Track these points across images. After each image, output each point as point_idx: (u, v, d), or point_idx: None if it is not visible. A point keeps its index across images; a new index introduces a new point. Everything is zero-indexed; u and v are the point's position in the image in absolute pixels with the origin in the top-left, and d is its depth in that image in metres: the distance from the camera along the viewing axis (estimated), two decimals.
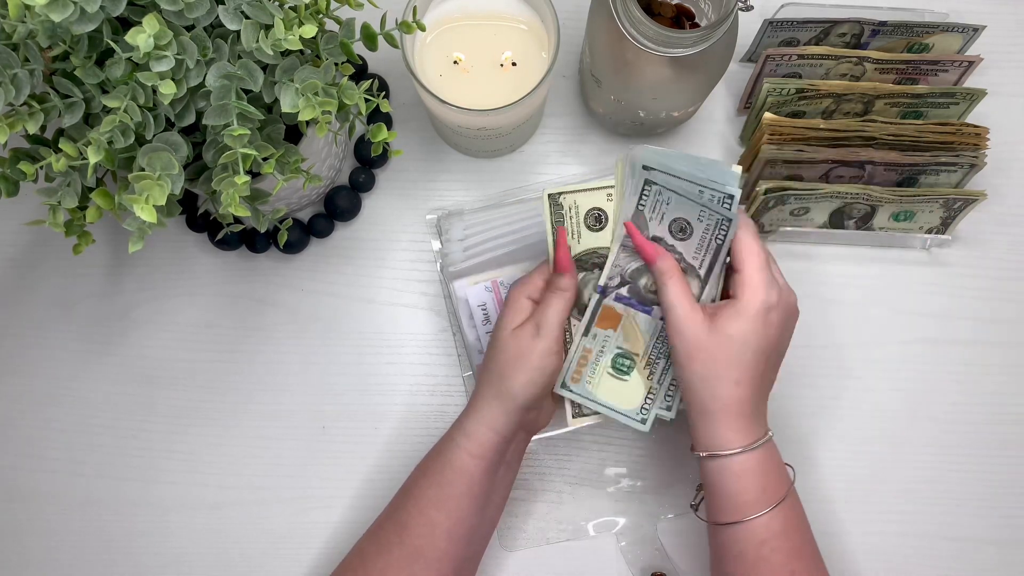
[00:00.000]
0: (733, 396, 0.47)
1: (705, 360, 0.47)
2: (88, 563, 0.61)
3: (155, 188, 0.41)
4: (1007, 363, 0.63)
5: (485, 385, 0.51)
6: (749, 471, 0.47)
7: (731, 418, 0.47)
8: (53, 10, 0.36)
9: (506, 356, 0.50)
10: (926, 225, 0.62)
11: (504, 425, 0.50)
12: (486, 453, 0.50)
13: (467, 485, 0.50)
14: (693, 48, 0.50)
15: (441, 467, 0.51)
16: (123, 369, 0.63)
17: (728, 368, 0.47)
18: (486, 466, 0.51)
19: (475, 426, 0.51)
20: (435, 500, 0.50)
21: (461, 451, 0.50)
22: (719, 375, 0.47)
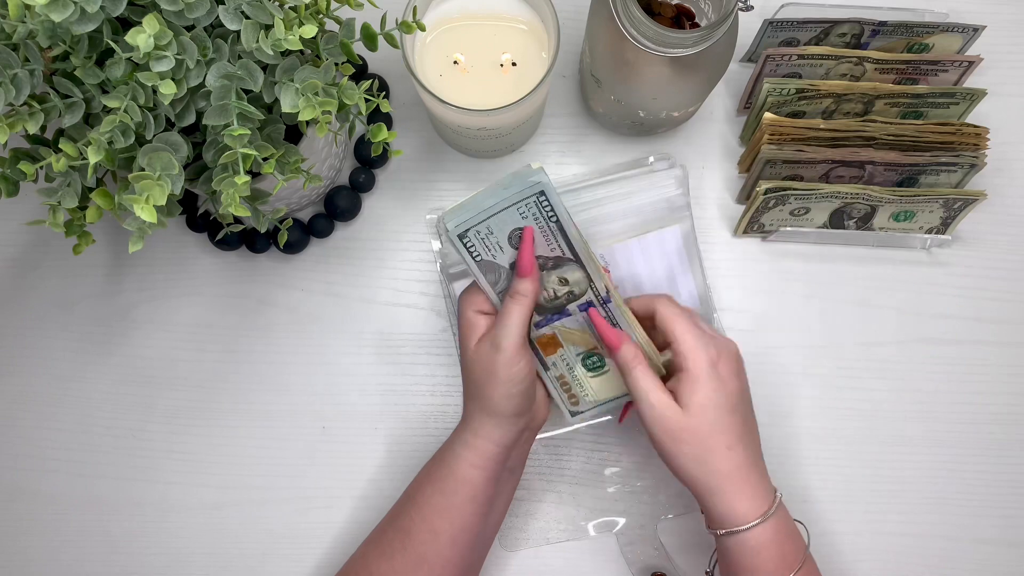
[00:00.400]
0: (731, 463, 0.47)
1: (690, 440, 0.47)
2: (88, 563, 0.61)
3: (155, 188, 0.41)
4: (1006, 363, 0.63)
5: (470, 400, 0.51)
6: (767, 543, 0.47)
7: (736, 487, 0.47)
8: (53, 10, 0.36)
9: (475, 374, 0.50)
10: (926, 225, 0.62)
11: (501, 436, 0.50)
12: (487, 463, 0.50)
13: (470, 494, 0.50)
14: (693, 48, 0.50)
15: (444, 475, 0.51)
16: (123, 369, 0.63)
17: (714, 437, 0.47)
18: (488, 476, 0.51)
19: (473, 438, 0.51)
20: (439, 508, 0.50)
21: (462, 461, 0.51)
22: (710, 448, 0.47)
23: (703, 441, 0.47)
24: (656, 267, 0.59)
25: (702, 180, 0.64)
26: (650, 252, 0.59)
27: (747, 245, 0.64)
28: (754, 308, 0.63)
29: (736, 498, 0.47)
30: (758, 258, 0.64)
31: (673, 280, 0.59)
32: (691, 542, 0.60)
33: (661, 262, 0.59)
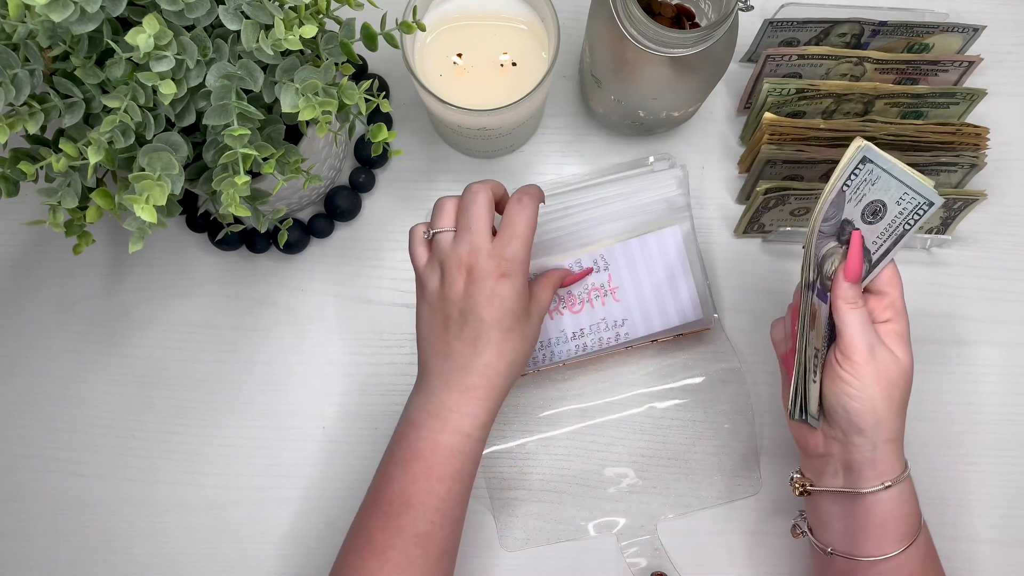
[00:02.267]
0: (902, 421, 0.48)
1: (903, 386, 0.47)
2: (88, 563, 0.61)
3: (155, 188, 0.41)
4: (1007, 363, 0.63)
5: (468, 368, 0.48)
6: (908, 494, 0.48)
7: (899, 441, 0.48)
8: (53, 10, 0.36)
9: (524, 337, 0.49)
10: (926, 225, 0.62)
11: (499, 401, 0.49)
12: (484, 431, 0.49)
13: (470, 469, 0.49)
14: (693, 48, 0.50)
15: (431, 455, 0.48)
16: (123, 369, 0.63)
17: (905, 392, 0.47)
18: (481, 448, 0.50)
19: (472, 401, 0.48)
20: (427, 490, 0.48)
21: (457, 436, 0.48)
22: (904, 401, 0.47)
23: (905, 391, 0.47)
24: (656, 267, 0.59)
25: (702, 180, 0.64)
26: (650, 252, 0.59)
27: (747, 245, 0.64)
28: (754, 308, 0.63)
29: (900, 450, 0.48)
30: (758, 258, 0.64)
31: (673, 280, 0.59)
32: (691, 542, 0.60)
33: (661, 262, 0.59)
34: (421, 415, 0.49)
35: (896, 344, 0.47)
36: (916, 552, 0.47)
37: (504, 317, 0.47)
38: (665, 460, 0.61)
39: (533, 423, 0.61)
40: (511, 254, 0.48)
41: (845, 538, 0.48)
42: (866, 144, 0.46)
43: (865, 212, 0.47)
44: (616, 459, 0.61)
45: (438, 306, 0.49)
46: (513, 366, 0.49)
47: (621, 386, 0.62)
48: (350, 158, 0.65)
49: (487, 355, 0.48)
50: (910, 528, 0.48)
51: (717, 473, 0.60)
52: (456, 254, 0.48)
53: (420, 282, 0.51)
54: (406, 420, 0.50)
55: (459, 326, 0.48)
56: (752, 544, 0.60)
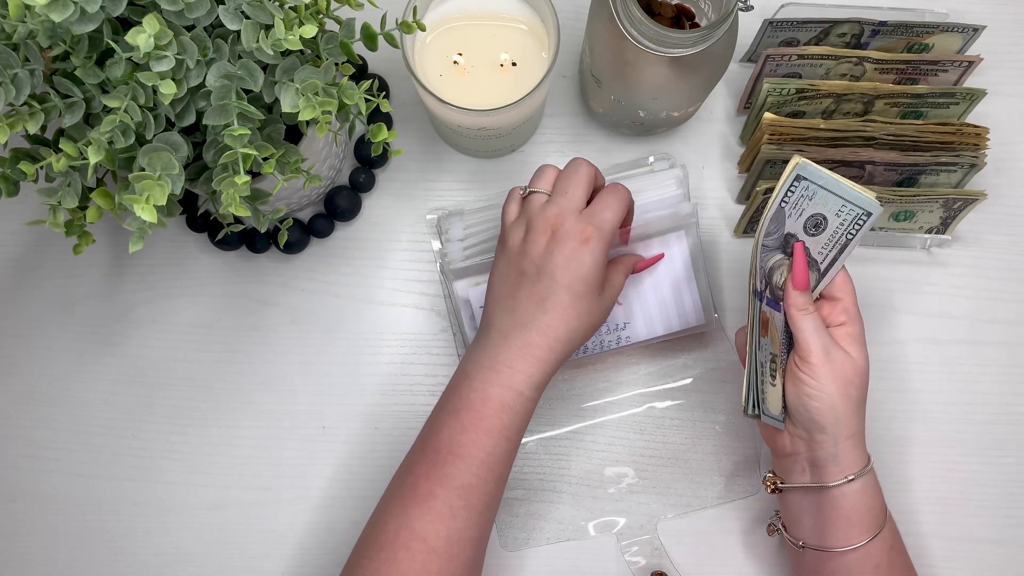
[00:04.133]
0: (860, 419, 0.49)
1: (860, 385, 0.49)
2: (88, 563, 0.61)
3: (155, 188, 0.41)
4: (1007, 363, 0.63)
5: (538, 325, 0.48)
6: (871, 487, 0.49)
7: (860, 437, 0.50)
8: (53, 10, 0.36)
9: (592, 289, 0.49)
10: (926, 225, 0.62)
11: (555, 366, 0.49)
12: (537, 392, 0.49)
13: (518, 427, 0.49)
14: (693, 48, 0.50)
15: (482, 406, 0.48)
16: (123, 369, 0.63)
17: (862, 390, 0.49)
18: (532, 408, 0.50)
19: (528, 360, 0.48)
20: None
21: (510, 391, 0.48)
22: (862, 399, 0.49)
23: (860, 390, 0.49)
24: (661, 274, 0.58)
25: (702, 180, 0.64)
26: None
27: (747, 245, 0.64)
28: None
29: (860, 446, 0.49)
30: None
31: (678, 287, 0.59)
32: (691, 542, 0.60)
33: (666, 268, 0.58)
34: (475, 368, 0.49)
35: (851, 345, 0.49)
36: (882, 543, 0.49)
37: (576, 282, 0.48)
38: (665, 460, 0.61)
39: (533, 423, 0.61)
40: (599, 222, 0.48)
41: (815, 532, 0.50)
42: (802, 162, 0.47)
43: (807, 225, 0.49)
44: (616, 459, 0.61)
45: (515, 261, 0.49)
46: (574, 334, 0.49)
47: (621, 386, 0.62)
48: (350, 158, 0.65)
49: (551, 315, 0.48)
50: (875, 519, 0.49)
51: (717, 473, 0.60)
52: (545, 213, 0.49)
53: (503, 238, 0.51)
54: (461, 371, 0.50)
55: (532, 282, 0.48)
56: (752, 544, 0.60)
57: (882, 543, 0.49)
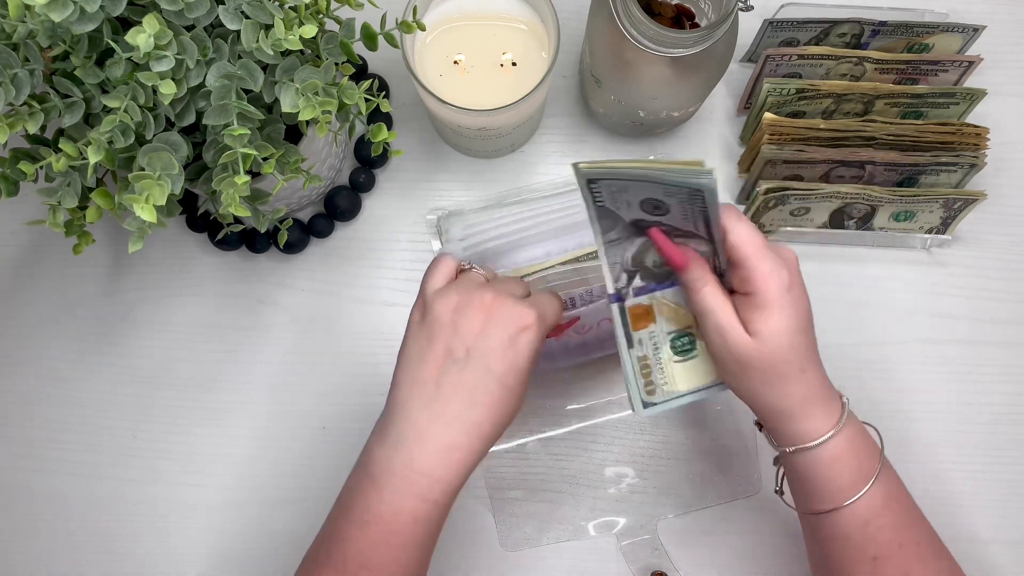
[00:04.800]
0: (804, 385, 0.43)
1: (763, 368, 0.42)
2: (88, 563, 0.61)
3: (155, 188, 0.41)
4: (1007, 363, 0.63)
5: (447, 417, 0.43)
6: (841, 453, 0.44)
7: (808, 407, 0.43)
8: (53, 10, 0.36)
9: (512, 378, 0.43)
10: (926, 225, 0.62)
11: (475, 466, 0.44)
12: (453, 497, 0.43)
13: (433, 535, 0.44)
14: (693, 48, 0.50)
15: (393, 519, 0.42)
16: (123, 369, 0.63)
17: (787, 363, 0.42)
18: (446, 513, 0.44)
19: (447, 466, 0.42)
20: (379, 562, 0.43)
21: (424, 503, 0.42)
22: (782, 373, 0.42)
23: (775, 367, 0.42)
24: None
25: None
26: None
27: None
28: None
29: (808, 417, 0.43)
30: None
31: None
32: (691, 541, 0.60)
33: None
34: (385, 473, 0.42)
35: (754, 312, 0.42)
36: (878, 490, 0.44)
37: (512, 373, 0.43)
38: (665, 460, 0.61)
39: (533, 423, 0.61)
40: (541, 309, 0.44)
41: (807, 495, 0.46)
42: (581, 168, 0.41)
43: (647, 209, 0.43)
44: (616, 459, 0.61)
45: (440, 335, 0.43)
46: (498, 429, 0.44)
47: (621, 386, 0.62)
48: (350, 158, 0.65)
49: (480, 412, 0.42)
50: (863, 469, 0.45)
51: (717, 472, 0.60)
52: (483, 292, 0.43)
53: (424, 304, 0.45)
54: (366, 472, 0.44)
55: (460, 367, 0.42)
56: (752, 544, 0.60)
57: (878, 490, 0.44)
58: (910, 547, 0.45)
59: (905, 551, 0.45)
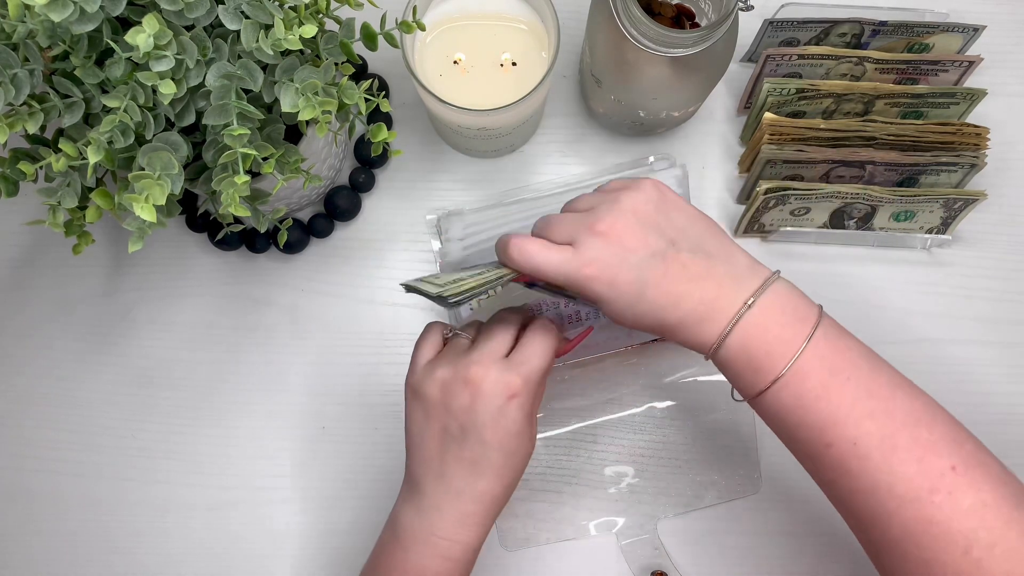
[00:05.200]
0: (675, 318, 0.42)
1: (642, 331, 0.43)
2: (88, 563, 0.61)
3: (155, 188, 0.41)
4: (1007, 363, 0.63)
5: (464, 491, 0.45)
6: (757, 328, 0.41)
7: (688, 328, 0.42)
8: (53, 10, 0.36)
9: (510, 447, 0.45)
10: (926, 225, 0.62)
11: (494, 520, 0.47)
12: (475, 554, 0.46)
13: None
14: (693, 48, 0.50)
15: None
16: (123, 369, 0.63)
17: (647, 324, 0.42)
18: (471, 567, 0.47)
19: (466, 528, 0.45)
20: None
21: (447, 562, 0.45)
22: (651, 330, 0.43)
23: (639, 327, 0.43)
24: None
25: (702, 180, 0.64)
26: None
27: (747, 245, 0.63)
28: None
29: (699, 330, 0.42)
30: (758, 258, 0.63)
31: None
32: (691, 541, 0.60)
33: None
34: (409, 538, 0.46)
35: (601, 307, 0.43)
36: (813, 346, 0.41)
37: (507, 440, 0.44)
38: (665, 459, 0.61)
39: None
40: (526, 372, 0.44)
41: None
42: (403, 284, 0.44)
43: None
44: (616, 458, 0.61)
45: (435, 415, 0.45)
46: (510, 488, 0.46)
47: (621, 385, 0.62)
48: (350, 158, 0.65)
49: (486, 480, 0.45)
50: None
51: (717, 472, 0.60)
52: (468, 366, 0.44)
53: (415, 380, 0.47)
54: (393, 536, 0.47)
55: (458, 444, 0.44)
56: (752, 543, 0.60)
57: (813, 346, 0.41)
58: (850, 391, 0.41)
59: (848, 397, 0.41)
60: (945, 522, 0.38)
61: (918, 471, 0.39)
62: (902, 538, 0.39)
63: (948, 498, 0.39)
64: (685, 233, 0.44)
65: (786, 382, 0.41)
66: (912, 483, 0.39)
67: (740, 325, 0.42)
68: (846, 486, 0.41)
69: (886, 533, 0.40)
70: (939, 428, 0.42)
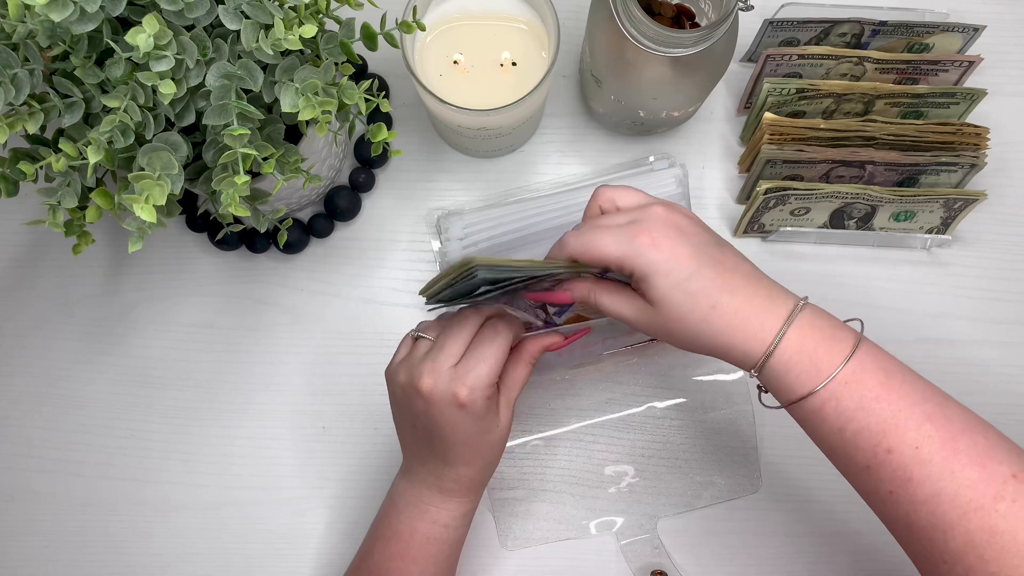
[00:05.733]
0: (723, 318, 0.42)
1: (679, 326, 0.42)
2: (88, 563, 0.61)
3: (155, 188, 0.41)
4: (1007, 363, 0.63)
5: (451, 463, 0.48)
6: (796, 352, 0.41)
7: (741, 329, 0.41)
8: (53, 10, 0.36)
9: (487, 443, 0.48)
10: (926, 225, 0.62)
11: (481, 492, 0.51)
12: (466, 519, 0.50)
13: (447, 553, 0.50)
14: (693, 48, 0.50)
15: (410, 538, 0.49)
16: (123, 369, 0.63)
17: (694, 312, 0.42)
18: (464, 532, 0.51)
19: (450, 499, 0.49)
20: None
21: (435, 526, 0.49)
22: (694, 321, 0.42)
23: (685, 320, 0.42)
24: None
25: (702, 180, 0.64)
26: None
27: (747, 245, 0.64)
28: None
29: (745, 338, 0.42)
30: (758, 258, 0.63)
31: None
32: (691, 541, 0.60)
33: None
34: (403, 501, 0.50)
35: (644, 283, 0.43)
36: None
37: (468, 438, 0.47)
38: (665, 459, 0.61)
39: (533, 422, 0.61)
40: (472, 381, 0.45)
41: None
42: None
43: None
44: (616, 458, 0.61)
45: (405, 413, 0.48)
46: (488, 468, 0.49)
47: (621, 385, 0.62)
48: (350, 158, 0.65)
49: (456, 468, 0.48)
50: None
51: (717, 472, 0.60)
52: (420, 370, 0.46)
53: (387, 381, 0.50)
54: (390, 500, 0.51)
55: (426, 439, 0.48)
56: (752, 543, 0.60)
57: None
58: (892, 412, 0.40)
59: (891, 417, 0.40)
60: (1011, 532, 0.36)
61: (981, 477, 0.37)
62: (965, 551, 0.37)
63: (1012, 506, 0.37)
64: (722, 249, 0.44)
65: (846, 380, 0.40)
66: (976, 490, 0.37)
67: (795, 327, 0.42)
68: (906, 497, 0.39)
69: (948, 545, 0.38)
70: (993, 435, 0.40)
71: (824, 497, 0.61)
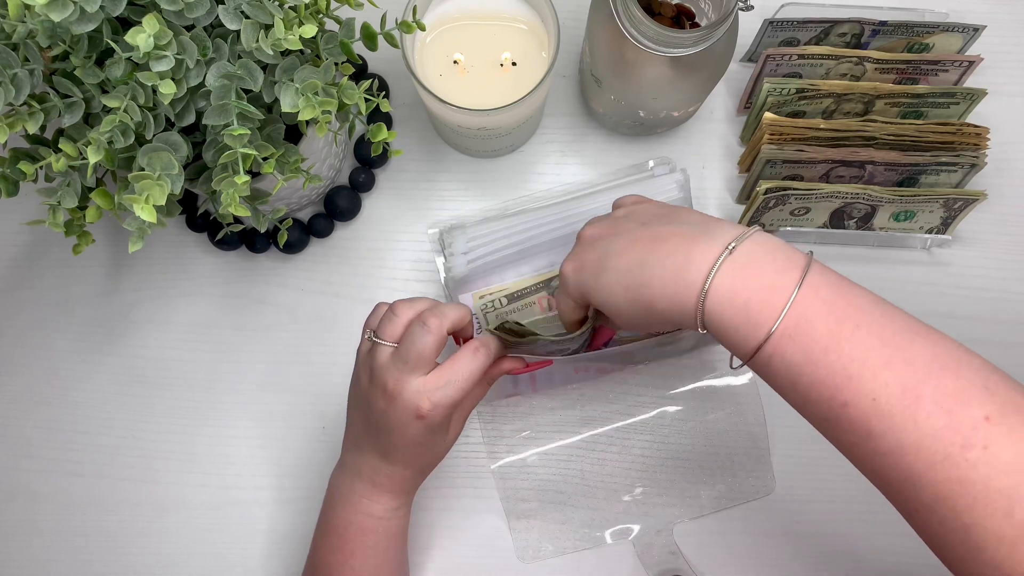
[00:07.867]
0: (656, 314, 0.40)
1: (625, 322, 0.42)
2: (87, 563, 0.61)
3: (155, 188, 0.41)
4: (1007, 363, 0.62)
5: (389, 457, 0.49)
6: (722, 317, 0.38)
7: (676, 290, 0.38)
8: (53, 10, 0.36)
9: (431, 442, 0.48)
10: (926, 225, 0.62)
11: (414, 490, 0.52)
12: (399, 512, 0.51)
13: (385, 544, 0.51)
14: (693, 48, 0.50)
15: (345, 531, 0.50)
16: (122, 369, 0.63)
17: (632, 315, 0.41)
18: (400, 524, 0.52)
19: (382, 493, 0.50)
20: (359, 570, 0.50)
21: (368, 517, 0.50)
22: (641, 326, 0.43)
23: (623, 314, 0.41)
24: None
25: (702, 180, 0.64)
26: None
27: None
28: None
29: (678, 281, 0.38)
30: None
31: None
32: (708, 544, 0.60)
33: None
34: (338, 494, 0.51)
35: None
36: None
37: (414, 446, 0.47)
38: (678, 463, 0.60)
39: (544, 433, 0.61)
40: (438, 399, 0.45)
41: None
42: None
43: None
44: (629, 465, 0.61)
45: (361, 403, 0.49)
46: (425, 470, 0.51)
47: (631, 391, 0.61)
48: (350, 158, 0.65)
49: (395, 466, 0.49)
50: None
51: (730, 474, 0.60)
52: (385, 376, 0.45)
53: (356, 367, 0.50)
54: (328, 494, 0.52)
55: (375, 432, 0.48)
56: (767, 544, 0.60)
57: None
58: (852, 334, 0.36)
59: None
60: (982, 482, 0.33)
61: (947, 424, 0.34)
62: (935, 503, 0.34)
63: (984, 453, 0.33)
64: (652, 212, 0.43)
65: (789, 334, 0.36)
66: (942, 439, 0.34)
67: (724, 274, 0.37)
68: (869, 449, 0.36)
69: (918, 497, 0.35)
70: (966, 373, 0.37)
71: (822, 497, 0.61)
